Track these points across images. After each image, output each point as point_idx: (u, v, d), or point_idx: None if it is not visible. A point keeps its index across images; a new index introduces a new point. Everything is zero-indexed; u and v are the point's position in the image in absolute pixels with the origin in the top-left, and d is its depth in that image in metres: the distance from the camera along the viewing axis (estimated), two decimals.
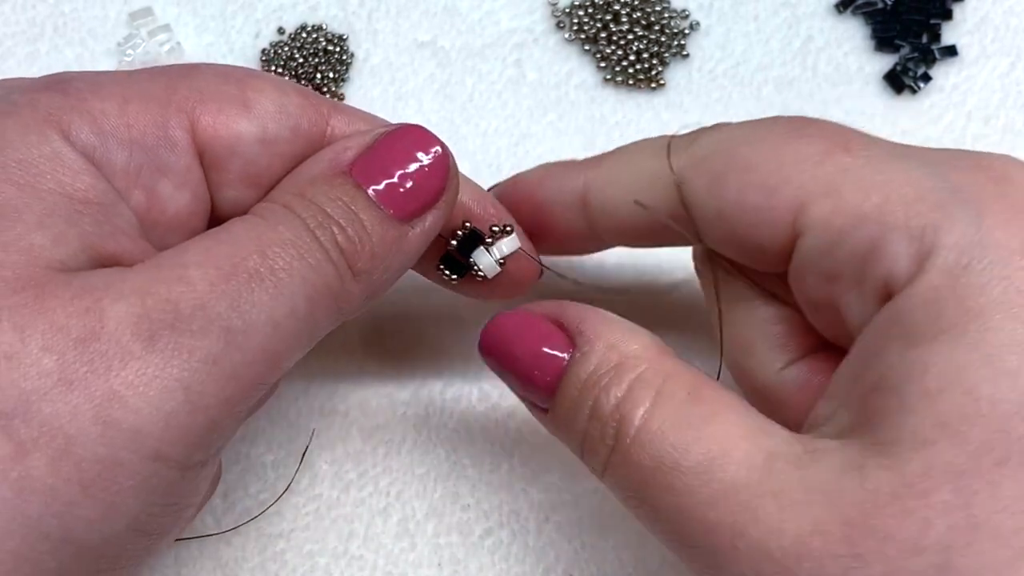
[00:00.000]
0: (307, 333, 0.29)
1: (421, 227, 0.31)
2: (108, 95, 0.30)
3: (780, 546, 0.26)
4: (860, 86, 0.44)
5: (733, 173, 0.30)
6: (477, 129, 0.44)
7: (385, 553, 0.39)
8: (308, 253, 0.29)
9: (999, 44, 0.44)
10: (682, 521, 0.28)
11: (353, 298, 0.30)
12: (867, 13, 0.45)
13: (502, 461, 0.40)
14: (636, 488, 0.29)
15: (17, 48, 0.44)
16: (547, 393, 0.31)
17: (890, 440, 0.26)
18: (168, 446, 0.26)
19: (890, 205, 0.27)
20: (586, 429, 0.30)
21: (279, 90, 0.32)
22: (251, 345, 0.27)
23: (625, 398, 0.29)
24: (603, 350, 0.30)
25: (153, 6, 0.45)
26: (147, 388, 0.25)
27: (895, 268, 0.27)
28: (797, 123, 0.30)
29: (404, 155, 0.31)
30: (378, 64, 0.44)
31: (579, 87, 0.44)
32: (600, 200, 0.33)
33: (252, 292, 0.27)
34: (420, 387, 0.40)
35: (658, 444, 0.28)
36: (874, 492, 0.25)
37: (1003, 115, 0.43)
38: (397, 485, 0.39)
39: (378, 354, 0.41)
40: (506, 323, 0.32)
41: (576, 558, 0.39)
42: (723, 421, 0.28)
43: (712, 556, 0.27)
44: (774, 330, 0.32)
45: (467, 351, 0.41)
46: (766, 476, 0.27)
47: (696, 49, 0.44)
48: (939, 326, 0.26)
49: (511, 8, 0.45)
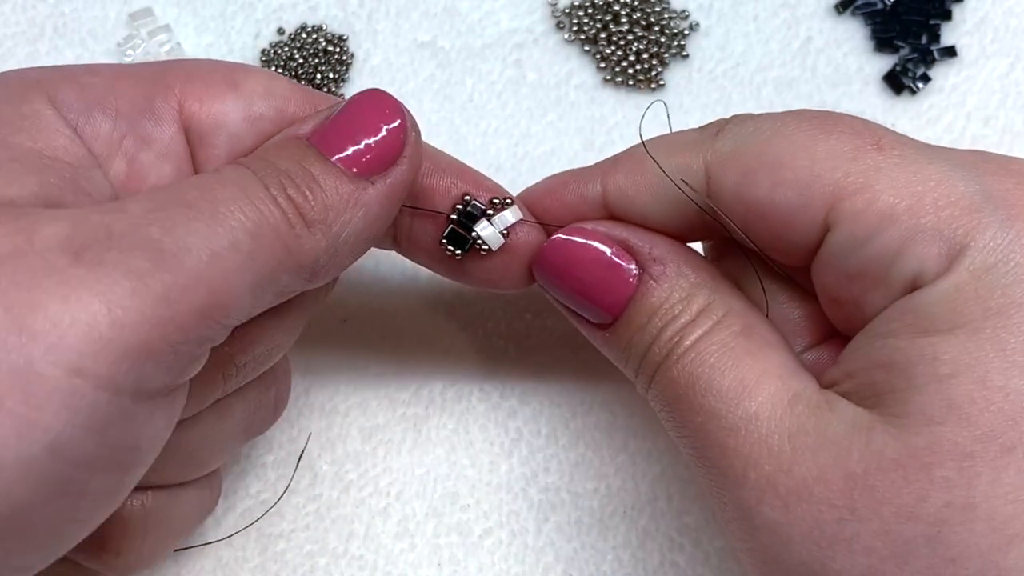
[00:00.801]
0: (255, 272, 0.28)
1: (382, 183, 0.30)
2: (99, 72, 0.31)
3: (786, 484, 0.28)
4: (860, 87, 0.44)
5: (764, 170, 0.30)
6: (477, 129, 0.44)
7: (385, 553, 0.39)
8: (252, 194, 0.28)
9: (998, 45, 0.44)
10: (704, 441, 0.30)
11: (311, 249, 0.29)
12: (867, 14, 0.45)
13: (501, 462, 0.40)
14: (670, 403, 0.30)
15: (17, 48, 0.44)
16: (611, 313, 0.32)
17: (897, 413, 0.27)
18: (89, 360, 0.24)
19: (922, 206, 0.28)
20: (646, 351, 0.31)
21: (268, 75, 0.32)
22: (185, 268, 0.26)
23: (688, 324, 0.30)
24: (674, 277, 0.31)
25: (153, 6, 0.45)
26: (67, 300, 0.24)
27: (924, 268, 0.28)
28: (826, 118, 0.30)
29: (360, 118, 0.31)
30: (378, 64, 0.44)
31: (579, 87, 0.44)
32: (622, 203, 0.33)
33: (188, 220, 0.27)
34: (420, 387, 0.40)
35: (698, 365, 0.30)
36: (878, 455, 0.27)
37: (1002, 116, 0.43)
38: (397, 485, 0.39)
39: (378, 355, 0.41)
40: (569, 242, 0.32)
41: (575, 558, 0.39)
42: (763, 357, 0.30)
43: (723, 478, 0.29)
44: (792, 315, 0.33)
45: (467, 351, 0.41)
46: (786, 416, 0.28)
47: (696, 50, 0.45)
48: (956, 321, 0.27)
49: (511, 8, 0.45)
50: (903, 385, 0.27)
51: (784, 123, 0.30)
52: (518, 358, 0.41)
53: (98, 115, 0.30)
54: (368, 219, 0.30)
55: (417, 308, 0.41)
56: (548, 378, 0.41)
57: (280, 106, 0.32)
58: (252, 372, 0.32)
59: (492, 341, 0.41)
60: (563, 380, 0.41)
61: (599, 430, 0.40)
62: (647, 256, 0.31)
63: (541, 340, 0.41)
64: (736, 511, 0.29)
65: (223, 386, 0.32)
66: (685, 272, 0.31)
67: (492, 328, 0.41)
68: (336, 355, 0.40)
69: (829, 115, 0.31)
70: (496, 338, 0.41)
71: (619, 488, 0.39)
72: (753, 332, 0.30)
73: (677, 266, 0.31)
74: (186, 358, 0.27)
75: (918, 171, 0.28)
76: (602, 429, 0.40)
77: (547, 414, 0.40)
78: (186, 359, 0.27)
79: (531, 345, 0.41)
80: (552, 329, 0.41)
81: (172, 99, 0.31)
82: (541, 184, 0.35)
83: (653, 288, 0.31)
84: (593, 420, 0.40)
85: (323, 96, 0.33)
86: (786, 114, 0.31)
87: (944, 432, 0.26)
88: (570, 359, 0.41)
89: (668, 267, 0.31)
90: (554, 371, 0.41)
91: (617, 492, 0.39)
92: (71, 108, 0.30)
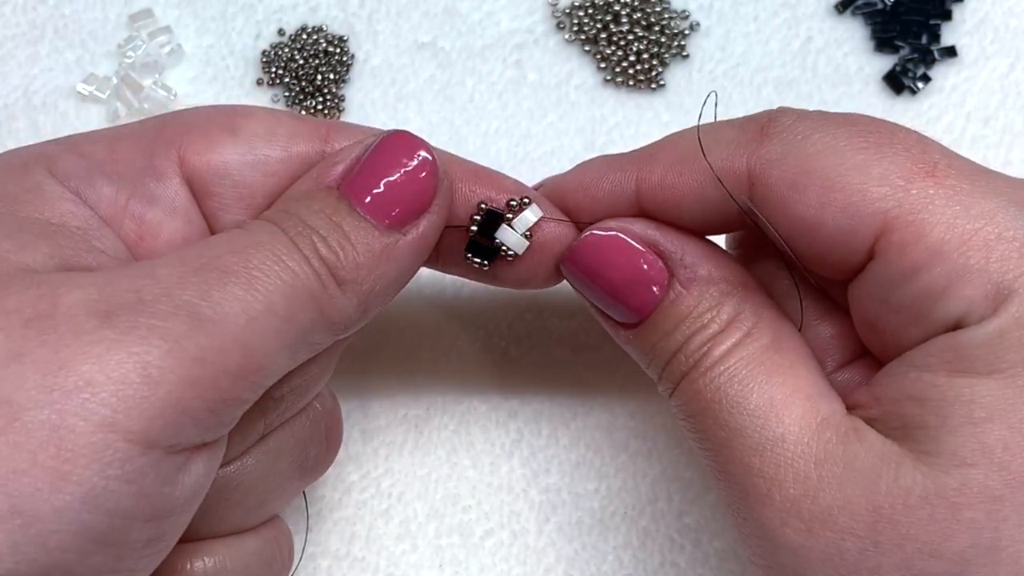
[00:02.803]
0: (290, 334, 0.28)
1: (414, 233, 0.30)
2: (98, 139, 0.31)
3: (810, 509, 0.28)
4: (860, 87, 0.44)
5: (814, 186, 0.29)
6: (477, 130, 0.44)
7: (387, 555, 0.39)
8: (286, 256, 0.28)
9: (998, 45, 0.44)
10: (727, 457, 0.29)
11: (343, 308, 0.29)
12: (867, 14, 0.45)
13: (503, 463, 0.40)
14: (694, 415, 0.30)
15: (18, 50, 0.44)
16: (638, 315, 0.31)
17: (928, 451, 0.27)
18: (122, 416, 0.24)
19: (972, 244, 0.27)
20: (671, 357, 0.31)
21: (270, 114, 0.32)
22: (221, 332, 0.26)
23: (718, 334, 0.30)
24: (704, 284, 0.31)
25: (153, 8, 0.45)
26: (99, 358, 0.24)
27: (969, 310, 0.27)
28: (880, 134, 0.29)
29: (390, 164, 0.30)
30: (378, 65, 0.44)
31: (579, 88, 0.44)
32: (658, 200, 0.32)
33: (224, 285, 0.27)
34: (421, 389, 0.40)
35: (726, 380, 0.29)
36: (906, 491, 0.27)
37: (1002, 116, 0.43)
38: (398, 487, 0.39)
39: (379, 356, 0.41)
40: (601, 242, 0.32)
41: (576, 559, 0.39)
42: (792, 375, 0.29)
43: (745, 495, 0.29)
44: (824, 333, 0.32)
45: (468, 352, 0.41)
46: (814, 440, 0.28)
47: (696, 50, 0.45)
48: (997, 365, 0.27)
49: (511, 9, 0.45)
50: (936, 423, 0.27)
51: (836, 135, 0.29)
52: (519, 359, 0.41)
53: (99, 181, 0.30)
54: (400, 270, 0.30)
55: (417, 309, 0.41)
56: (549, 379, 0.41)
57: (285, 145, 0.31)
58: (293, 404, 0.32)
59: (493, 342, 0.41)
60: (564, 381, 0.41)
61: (600, 431, 0.40)
62: (678, 261, 0.31)
63: (542, 341, 0.41)
64: (757, 529, 0.29)
65: (264, 420, 0.31)
66: (715, 279, 0.31)
67: (493, 329, 0.41)
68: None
69: (883, 129, 0.30)
70: (497, 339, 0.41)
71: (620, 489, 0.39)
72: (782, 345, 0.30)
73: (708, 272, 0.31)
74: (224, 417, 0.27)
75: (971, 206, 0.28)
76: (603, 430, 0.40)
77: (548, 415, 0.40)
78: (224, 418, 0.27)
79: (532, 346, 0.41)
80: (553, 330, 0.41)
81: (172, 154, 0.31)
82: (572, 177, 0.33)
83: (682, 295, 0.31)
84: (594, 421, 0.40)
85: (333, 124, 0.33)
86: (837, 123, 0.30)
87: (975, 475, 0.26)
88: (571, 360, 0.41)
89: (699, 273, 0.31)
90: (555, 372, 0.41)
91: (618, 493, 0.39)
92: (72, 177, 0.30)
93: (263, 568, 0.33)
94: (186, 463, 0.27)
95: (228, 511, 0.32)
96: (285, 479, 0.33)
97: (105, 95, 0.43)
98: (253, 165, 0.31)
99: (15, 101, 0.44)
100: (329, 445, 0.34)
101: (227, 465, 0.31)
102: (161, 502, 0.26)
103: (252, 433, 0.31)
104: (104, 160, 0.30)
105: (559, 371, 0.41)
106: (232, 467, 0.31)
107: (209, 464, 0.28)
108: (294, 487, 0.34)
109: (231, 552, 0.32)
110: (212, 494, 0.30)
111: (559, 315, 0.41)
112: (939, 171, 0.28)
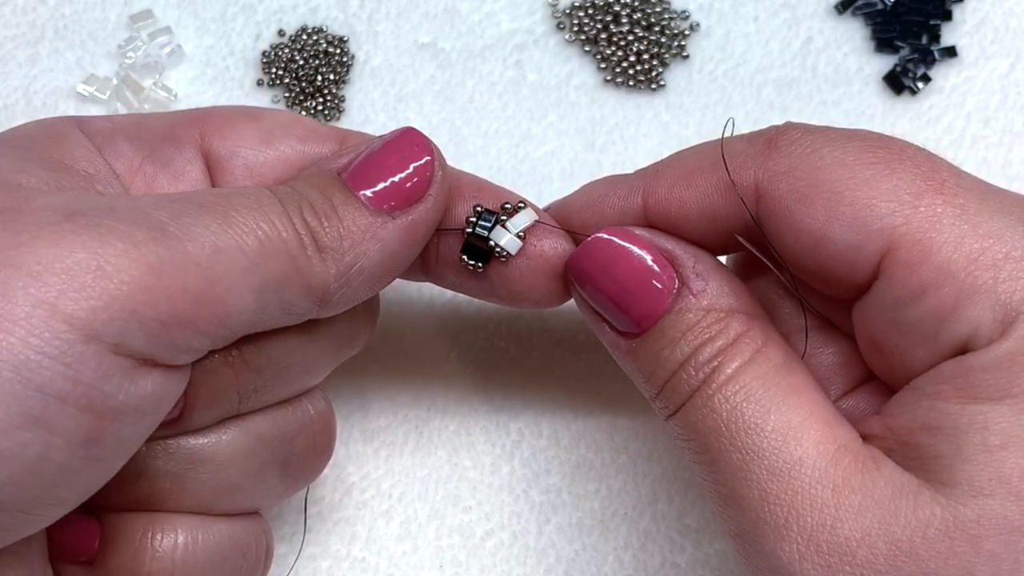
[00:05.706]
0: (259, 279, 0.28)
1: (403, 219, 0.30)
2: (126, 117, 0.33)
3: (828, 542, 0.27)
4: (860, 87, 0.44)
5: (821, 200, 0.28)
6: (478, 130, 0.44)
7: (387, 555, 0.39)
8: (269, 209, 0.29)
9: (999, 45, 0.44)
10: (740, 481, 0.28)
11: (320, 274, 0.29)
12: (867, 14, 0.45)
13: (503, 463, 0.40)
14: (704, 436, 0.29)
15: (18, 51, 0.44)
16: (641, 324, 0.30)
17: (944, 481, 0.27)
18: (67, 300, 0.25)
19: (980, 265, 0.27)
20: (676, 369, 0.30)
21: (292, 113, 0.34)
22: (183, 250, 0.26)
23: (727, 349, 0.29)
24: (714, 296, 0.30)
25: (154, 8, 0.45)
26: (55, 245, 0.25)
27: (977, 332, 0.27)
28: (890, 149, 0.29)
29: (391, 154, 0.31)
30: (379, 66, 0.44)
31: (579, 88, 0.44)
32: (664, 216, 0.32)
33: (199, 215, 0.27)
34: (421, 389, 0.40)
35: (743, 398, 0.28)
36: (924, 524, 0.26)
37: (1003, 116, 0.43)
38: (399, 487, 0.39)
39: (379, 356, 0.41)
40: (612, 243, 0.31)
41: (576, 559, 0.39)
42: (808, 399, 0.29)
43: (759, 524, 0.28)
44: (827, 360, 0.32)
45: (469, 353, 0.41)
46: (831, 466, 0.27)
47: (696, 50, 0.45)
48: (1008, 390, 0.26)
49: (511, 9, 0.45)
50: (950, 452, 0.27)
51: (845, 149, 0.29)
52: (519, 360, 0.41)
53: (122, 141, 0.32)
54: (385, 253, 0.30)
55: (418, 310, 0.41)
56: (549, 380, 0.41)
57: (302, 138, 0.33)
58: (273, 385, 0.31)
59: (493, 342, 0.41)
60: (564, 382, 0.41)
61: (600, 432, 0.40)
62: (690, 270, 0.30)
63: (542, 342, 0.41)
64: (771, 563, 0.28)
65: (237, 389, 0.31)
66: (726, 292, 0.30)
67: (493, 329, 0.41)
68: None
69: (892, 145, 0.29)
70: (497, 339, 0.41)
71: (620, 489, 0.39)
72: (793, 368, 0.29)
73: (719, 285, 0.30)
74: (177, 337, 0.27)
75: (978, 225, 0.27)
76: (603, 431, 0.40)
77: (548, 416, 0.40)
78: (178, 339, 0.27)
79: (532, 347, 0.41)
80: (553, 331, 0.41)
81: (194, 129, 0.32)
82: (579, 196, 0.34)
83: (692, 303, 0.30)
84: (594, 422, 0.40)
85: (351, 132, 0.34)
86: (847, 137, 0.30)
87: (992, 505, 0.26)
88: (571, 361, 0.41)
89: (710, 284, 0.30)
90: (555, 373, 0.41)
91: (618, 493, 0.39)
92: (97, 134, 0.31)
93: (236, 556, 0.32)
94: (132, 371, 0.26)
95: (198, 486, 0.31)
96: (264, 470, 0.32)
97: (105, 96, 0.43)
98: (268, 149, 0.32)
99: (15, 102, 0.44)
100: (317, 449, 0.34)
101: (199, 436, 0.31)
102: (100, 398, 0.26)
103: (223, 400, 0.31)
104: (129, 126, 0.32)
105: (560, 372, 0.41)
106: (205, 439, 0.31)
107: (161, 387, 0.27)
108: (275, 483, 0.33)
109: (201, 530, 0.31)
110: (182, 461, 0.30)
111: (560, 316, 0.41)
112: (947, 189, 0.28)
